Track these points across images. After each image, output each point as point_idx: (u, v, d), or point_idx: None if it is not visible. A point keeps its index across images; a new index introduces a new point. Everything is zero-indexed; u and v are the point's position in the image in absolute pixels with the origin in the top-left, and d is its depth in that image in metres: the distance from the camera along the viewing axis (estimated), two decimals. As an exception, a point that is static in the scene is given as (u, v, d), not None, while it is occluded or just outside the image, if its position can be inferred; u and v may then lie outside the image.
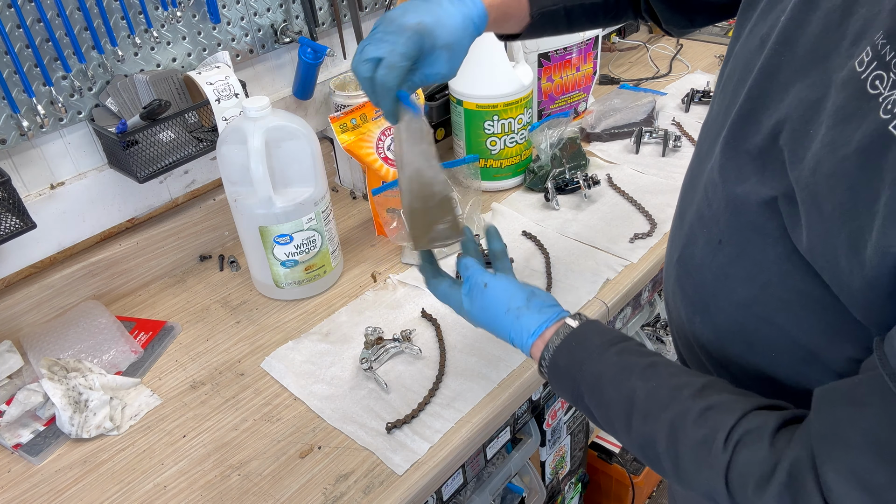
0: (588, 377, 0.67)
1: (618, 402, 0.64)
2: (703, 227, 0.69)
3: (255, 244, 1.12)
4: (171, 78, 1.15)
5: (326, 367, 1.04)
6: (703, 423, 0.58)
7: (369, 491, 0.86)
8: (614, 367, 0.66)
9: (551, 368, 0.71)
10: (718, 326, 0.70)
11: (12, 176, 1.02)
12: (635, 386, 0.64)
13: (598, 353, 0.68)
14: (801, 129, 0.54)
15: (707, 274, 0.69)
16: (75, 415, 0.95)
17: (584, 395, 0.68)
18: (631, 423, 0.63)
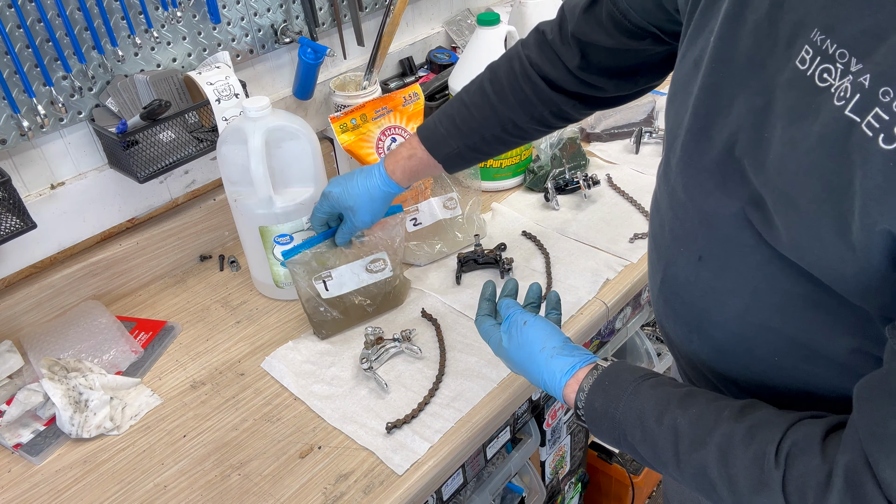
0: (627, 415, 0.66)
1: (662, 436, 0.63)
2: (680, 246, 0.70)
3: (256, 244, 1.12)
4: (172, 78, 1.15)
5: (326, 367, 1.04)
6: (751, 441, 0.57)
7: (369, 491, 0.86)
8: (652, 400, 0.65)
9: (587, 411, 0.70)
10: (716, 342, 0.70)
11: (13, 176, 1.03)
12: (676, 416, 0.63)
13: (633, 388, 0.67)
14: (756, 136, 0.56)
15: (694, 292, 0.69)
16: (75, 415, 0.95)
17: (626, 434, 0.67)
18: (678, 454, 0.62)
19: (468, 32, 1.68)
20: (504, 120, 0.94)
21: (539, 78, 0.91)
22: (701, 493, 0.63)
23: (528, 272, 1.20)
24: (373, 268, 1.08)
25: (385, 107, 1.26)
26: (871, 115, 0.47)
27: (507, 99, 0.93)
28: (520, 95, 0.93)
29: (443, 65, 1.59)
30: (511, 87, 0.93)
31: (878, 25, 0.47)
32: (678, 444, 0.62)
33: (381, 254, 1.08)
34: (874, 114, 0.47)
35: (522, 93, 0.92)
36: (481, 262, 1.21)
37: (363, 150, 1.24)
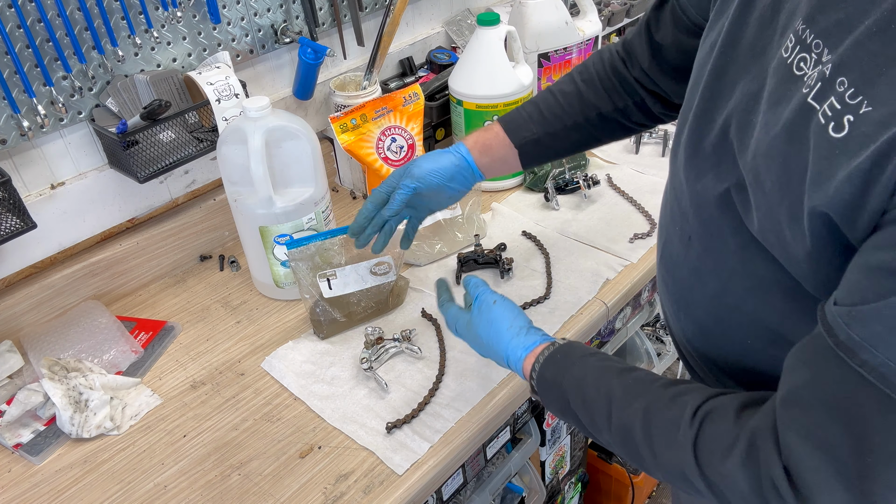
0: (571, 382, 0.71)
1: (599, 401, 0.68)
2: (676, 226, 0.73)
3: (256, 244, 1.12)
4: (172, 78, 1.15)
5: (326, 367, 1.04)
6: (673, 405, 0.62)
7: (369, 491, 0.86)
8: (595, 370, 0.70)
9: (539, 381, 0.75)
10: (697, 320, 0.74)
11: (13, 176, 1.03)
12: (613, 384, 0.67)
13: (581, 360, 0.72)
14: (745, 120, 0.59)
15: (683, 271, 0.73)
16: (76, 414, 0.95)
17: (570, 401, 0.71)
18: (610, 417, 0.66)
19: (468, 32, 1.68)
20: (588, 107, 0.96)
21: (624, 68, 0.94)
22: (628, 456, 0.67)
23: (528, 272, 1.20)
24: (378, 270, 1.08)
25: (385, 107, 1.26)
26: (827, 104, 0.49)
27: (594, 85, 0.95)
28: (606, 84, 0.95)
29: (443, 65, 1.59)
30: (599, 75, 0.95)
31: (847, 18, 0.49)
32: (611, 408, 0.66)
33: (385, 257, 1.08)
34: (829, 103, 0.49)
35: (609, 81, 0.95)
36: (481, 262, 1.21)
37: (363, 150, 1.24)
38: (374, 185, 1.25)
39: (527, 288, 1.16)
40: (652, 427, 0.62)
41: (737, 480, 0.55)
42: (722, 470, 0.56)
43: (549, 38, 1.47)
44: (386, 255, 1.09)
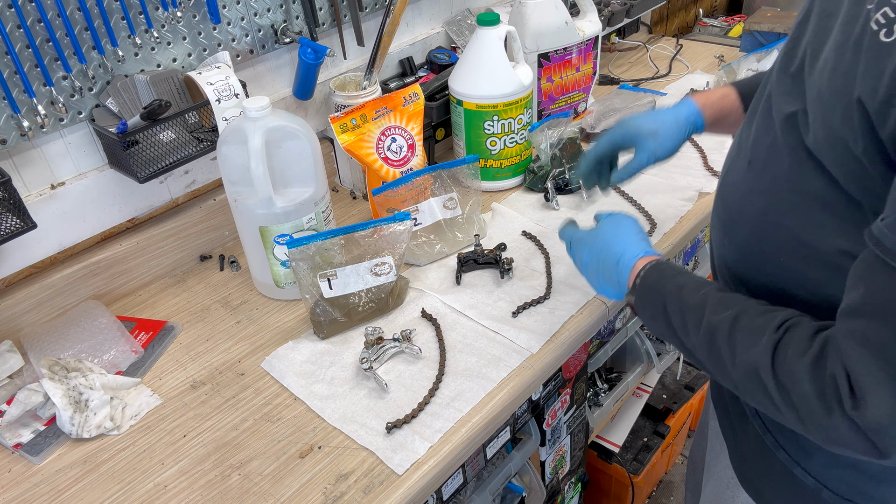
0: (672, 288, 0.78)
1: (694, 306, 0.74)
2: (740, 154, 0.79)
3: (256, 244, 1.12)
4: (172, 78, 1.15)
5: (326, 367, 1.04)
6: (762, 316, 0.68)
7: (369, 491, 0.86)
8: (695, 281, 0.78)
9: (642, 282, 0.83)
10: (740, 242, 0.79)
11: (13, 176, 1.03)
12: (710, 294, 0.74)
13: (683, 273, 0.80)
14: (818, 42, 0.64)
15: (736, 194, 0.79)
16: (76, 414, 0.95)
17: (665, 305, 0.78)
18: (702, 321, 0.72)
19: (468, 32, 1.68)
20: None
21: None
22: (708, 359, 0.72)
23: (528, 272, 1.20)
24: (378, 271, 1.08)
25: (385, 107, 1.26)
26: (880, 13, 0.55)
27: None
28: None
29: (443, 65, 1.59)
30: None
31: None
32: (704, 312, 0.72)
33: (386, 258, 1.08)
34: (883, 11, 0.55)
35: None
36: (481, 262, 1.21)
37: (363, 150, 1.24)
38: (374, 185, 1.25)
39: (527, 288, 1.16)
40: (737, 331, 0.68)
41: (803, 380, 0.60)
42: (793, 370, 0.61)
43: (549, 38, 1.47)
44: (387, 255, 1.09)
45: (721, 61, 1.97)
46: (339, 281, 1.07)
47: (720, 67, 1.84)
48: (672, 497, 2.03)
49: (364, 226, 1.10)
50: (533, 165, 1.41)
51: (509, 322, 1.09)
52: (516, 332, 1.06)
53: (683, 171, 1.45)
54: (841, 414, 0.58)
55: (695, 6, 2.51)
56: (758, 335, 0.66)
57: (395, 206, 1.21)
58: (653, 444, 1.79)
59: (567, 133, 1.42)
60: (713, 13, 2.63)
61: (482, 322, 1.09)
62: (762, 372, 0.64)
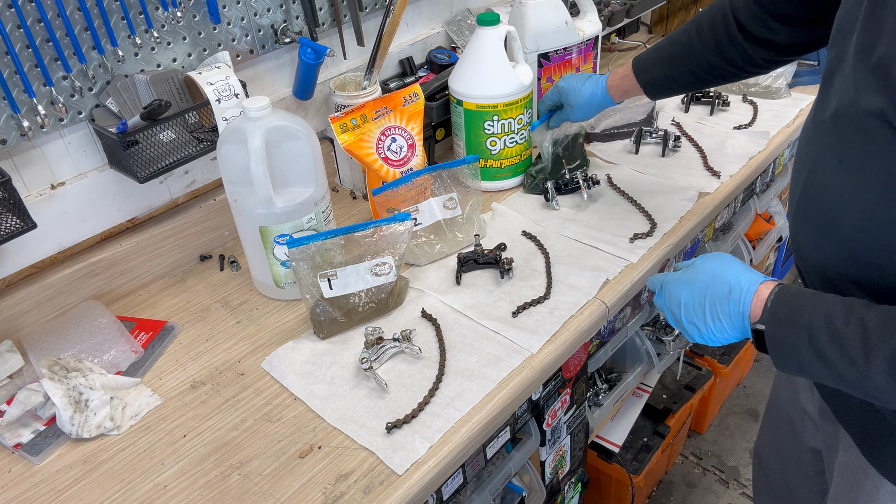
0: (813, 319, 0.72)
1: (851, 334, 0.68)
2: (824, 153, 0.76)
3: (256, 244, 1.12)
4: (172, 78, 1.15)
5: (326, 367, 1.04)
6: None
7: (369, 491, 0.86)
8: (837, 304, 0.71)
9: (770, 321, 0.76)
10: (846, 242, 0.75)
11: (13, 176, 1.03)
12: (862, 314, 0.68)
13: (815, 297, 0.74)
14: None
15: (830, 194, 0.75)
16: (76, 414, 0.95)
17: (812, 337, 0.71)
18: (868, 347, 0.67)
19: (468, 32, 1.68)
20: (700, 58, 1.10)
21: (732, 19, 1.04)
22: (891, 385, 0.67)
23: (528, 272, 1.20)
24: (378, 271, 1.08)
25: (385, 107, 1.26)
26: None
27: (705, 39, 1.09)
28: (717, 36, 1.07)
29: (443, 65, 1.59)
30: (710, 27, 1.08)
31: None
32: (867, 338, 0.67)
33: (387, 258, 1.08)
34: None
35: (718, 34, 1.07)
36: (481, 262, 1.21)
37: (363, 150, 1.24)
38: (374, 185, 1.25)
39: (527, 288, 1.16)
40: None
41: None
42: None
43: (548, 38, 1.47)
44: (387, 255, 1.09)
45: (721, 61, 1.97)
46: (340, 281, 1.07)
47: (720, 67, 1.84)
48: (672, 497, 2.03)
49: (364, 226, 1.10)
50: (532, 169, 1.41)
51: (509, 322, 1.09)
52: (516, 332, 1.06)
53: (684, 171, 1.45)
54: None
55: (695, 6, 2.51)
56: None
57: (395, 206, 1.21)
58: (653, 444, 1.79)
59: (573, 129, 1.42)
60: (713, 13, 2.64)
61: (482, 322, 1.09)
62: None
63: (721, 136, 1.57)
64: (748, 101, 1.71)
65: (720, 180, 1.42)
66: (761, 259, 2.07)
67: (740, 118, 1.64)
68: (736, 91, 1.76)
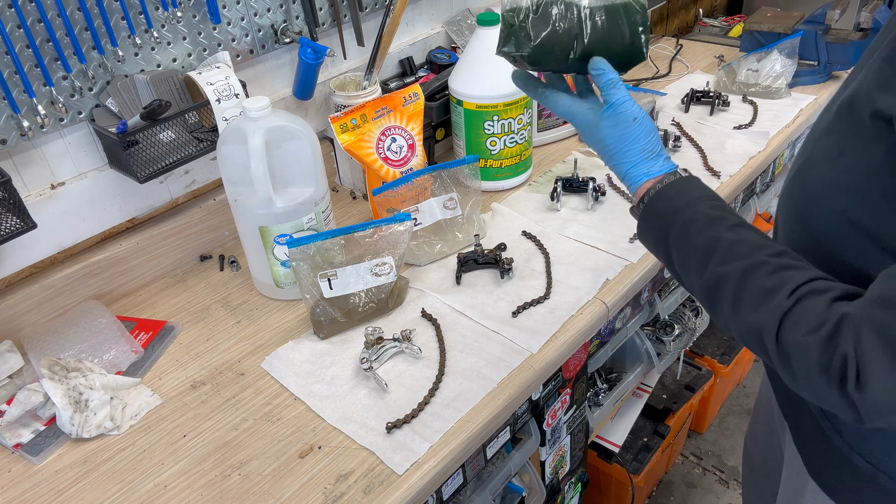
0: (679, 221, 0.74)
1: (701, 247, 0.71)
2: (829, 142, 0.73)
3: (256, 244, 1.12)
4: (172, 78, 1.15)
5: (326, 367, 1.04)
6: (775, 275, 0.65)
7: (369, 491, 0.86)
8: (706, 218, 0.72)
9: (647, 208, 0.77)
10: (815, 234, 0.75)
11: (13, 176, 1.03)
12: (721, 236, 0.70)
13: (695, 202, 0.74)
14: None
15: (819, 185, 0.74)
16: (76, 414, 0.95)
17: (669, 236, 0.74)
18: (707, 265, 0.70)
19: (468, 32, 1.68)
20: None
21: None
22: (706, 303, 0.72)
23: (528, 272, 1.20)
24: (378, 271, 1.08)
25: (385, 107, 1.26)
26: None
27: None
28: None
29: (443, 65, 1.59)
30: None
31: None
32: (710, 257, 0.70)
33: (386, 258, 1.08)
34: None
35: None
36: (481, 262, 1.21)
37: (363, 150, 1.24)
38: (374, 185, 1.25)
39: (527, 288, 1.16)
40: (746, 289, 0.66)
41: (810, 352, 0.61)
42: (801, 340, 0.61)
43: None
44: (387, 255, 1.09)
45: (721, 61, 1.97)
46: (340, 281, 1.07)
47: (720, 67, 1.84)
48: (672, 497, 2.03)
49: (364, 226, 1.10)
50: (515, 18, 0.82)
51: (509, 322, 1.09)
52: (516, 332, 1.06)
53: (683, 171, 1.45)
54: (839, 388, 0.60)
55: (695, 6, 2.51)
56: (767, 298, 0.64)
57: (395, 206, 1.21)
58: (653, 444, 1.79)
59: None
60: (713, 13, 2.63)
61: (482, 322, 1.09)
62: (765, 335, 0.64)
63: (721, 136, 1.58)
64: (748, 101, 1.71)
65: (720, 180, 1.42)
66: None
67: (740, 118, 1.64)
68: (736, 91, 1.76)
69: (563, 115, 0.83)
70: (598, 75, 0.79)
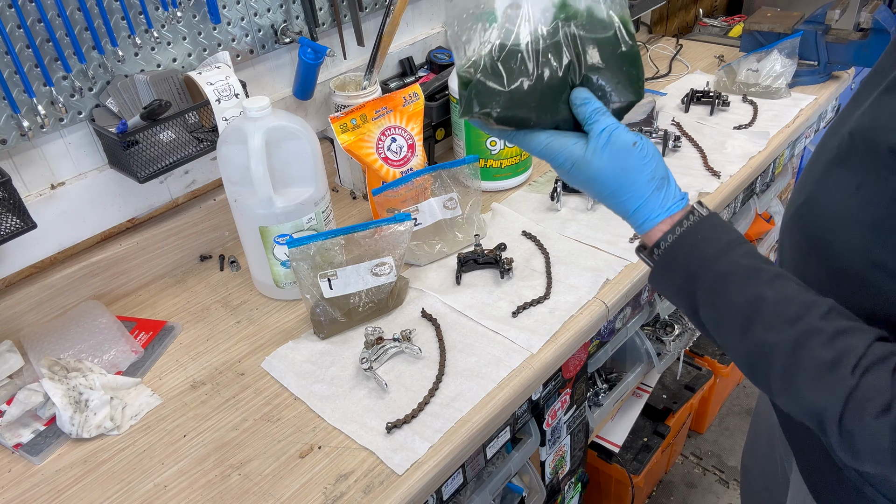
0: (709, 277, 0.65)
1: (740, 307, 0.63)
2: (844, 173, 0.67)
3: (256, 244, 1.12)
4: (172, 78, 1.15)
5: (326, 367, 1.04)
6: (832, 346, 0.58)
7: (369, 491, 0.86)
8: (740, 270, 0.64)
9: (665, 255, 0.68)
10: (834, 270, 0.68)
11: (13, 176, 1.03)
12: (763, 294, 0.62)
13: (725, 252, 0.65)
14: None
15: (835, 218, 0.68)
16: (76, 414, 0.95)
17: (696, 292, 0.66)
18: (749, 329, 0.62)
19: (468, 32, 1.67)
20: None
21: None
22: (749, 370, 0.64)
23: (528, 272, 1.20)
24: (378, 271, 1.08)
25: (385, 107, 1.26)
26: None
27: None
28: None
29: (443, 65, 1.59)
30: None
31: None
32: (753, 320, 0.62)
33: (387, 258, 1.08)
34: None
35: None
36: (481, 262, 1.21)
37: (363, 150, 1.24)
38: (374, 185, 1.25)
39: (527, 288, 1.16)
40: (801, 361, 0.59)
41: (881, 438, 0.55)
42: (871, 424, 0.55)
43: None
44: (387, 255, 1.09)
45: (721, 61, 1.97)
46: (340, 281, 1.07)
47: (720, 67, 1.84)
48: (672, 497, 2.03)
49: (364, 226, 1.10)
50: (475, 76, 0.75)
51: (509, 322, 1.09)
52: (516, 332, 1.06)
53: (683, 171, 1.45)
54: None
55: (695, 6, 2.51)
56: (827, 375, 0.57)
57: (395, 206, 1.21)
58: (653, 444, 1.79)
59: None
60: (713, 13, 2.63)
61: (482, 322, 1.09)
62: (827, 417, 0.58)
63: (721, 135, 1.57)
64: (748, 101, 1.71)
65: (720, 180, 1.42)
66: (761, 259, 2.07)
67: (740, 118, 1.64)
68: (736, 91, 1.76)
69: (542, 154, 0.71)
70: (582, 105, 0.69)
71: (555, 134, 0.70)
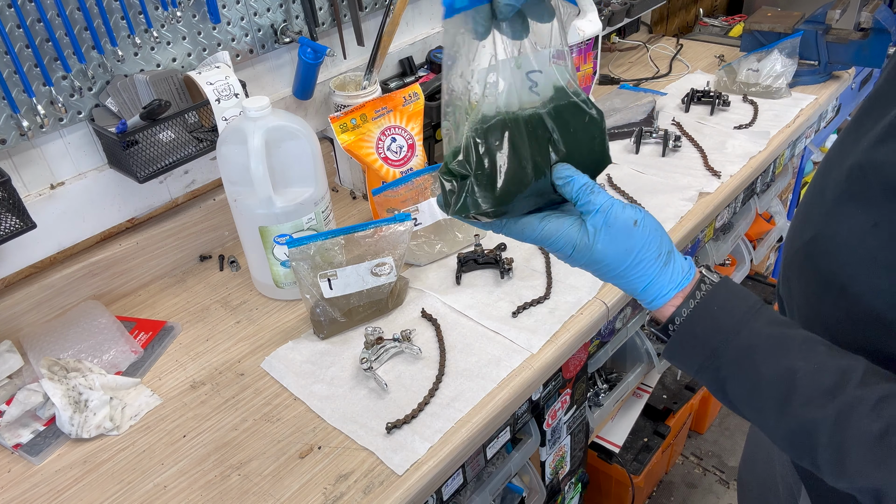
0: (732, 350, 0.61)
1: (773, 382, 0.59)
2: (857, 210, 0.63)
3: (255, 244, 1.12)
4: (171, 78, 1.15)
5: (326, 367, 1.04)
6: (878, 415, 0.54)
7: (369, 491, 0.86)
8: (767, 341, 0.60)
9: (681, 330, 0.64)
10: (852, 311, 0.64)
11: (12, 176, 1.02)
12: (795, 366, 0.58)
13: (746, 321, 0.61)
14: None
15: (852, 256, 0.63)
16: (75, 415, 0.95)
17: (721, 368, 0.61)
18: (788, 405, 0.58)
19: (468, 32, 1.67)
20: None
21: None
22: (791, 449, 0.60)
23: (528, 272, 1.20)
24: (378, 271, 1.08)
25: (385, 107, 1.26)
26: None
27: None
28: None
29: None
30: None
31: None
32: (789, 396, 0.58)
33: (387, 258, 1.08)
34: None
35: None
36: (481, 262, 1.21)
37: (363, 150, 1.24)
38: (374, 185, 1.25)
39: (527, 288, 1.16)
40: (848, 437, 0.55)
41: None
42: None
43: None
44: (387, 255, 1.09)
45: (721, 61, 1.97)
46: (340, 281, 1.07)
47: (720, 67, 1.84)
48: (672, 497, 2.03)
49: (364, 226, 1.10)
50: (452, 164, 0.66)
51: (509, 322, 1.09)
52: (516, 332, 1.06)
53: (684, 171, 1.45)
54: None
55: (695, 6, 2.51)
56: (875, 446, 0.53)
57: (395, 206, 1.21)
58: (653, 445, 1.79)
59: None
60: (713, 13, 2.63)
61: (482, 322, 1.09)
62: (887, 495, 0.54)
63: (721, 135, 1.57)
64: (748, 101, 1.71)
65: (720, 180, 1.42)
66: (761, 259, 2.07)
67: (741, 118, 1.64)
68: (736, 91, 1.76)
69: (539, 241, 0.65)
70: (566, 184, 0.62)
71: (546, 217, 0.65)
